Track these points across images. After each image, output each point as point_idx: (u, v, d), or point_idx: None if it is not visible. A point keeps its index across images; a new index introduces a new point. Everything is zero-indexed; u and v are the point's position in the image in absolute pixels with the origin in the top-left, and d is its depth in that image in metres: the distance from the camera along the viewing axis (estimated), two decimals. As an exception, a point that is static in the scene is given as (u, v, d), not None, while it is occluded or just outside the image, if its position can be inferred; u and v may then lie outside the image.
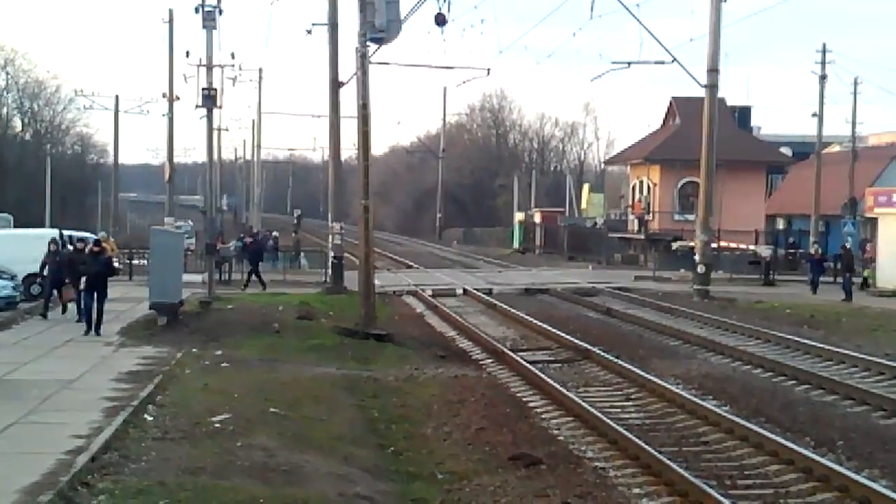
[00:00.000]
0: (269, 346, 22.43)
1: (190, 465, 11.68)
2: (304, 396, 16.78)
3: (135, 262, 41.14)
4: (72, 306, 25.44)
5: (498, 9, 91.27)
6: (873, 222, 45.31)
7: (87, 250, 24.46)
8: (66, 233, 32.67)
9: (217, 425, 13.84)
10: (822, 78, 49.33)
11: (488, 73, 43.26)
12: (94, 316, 23.08)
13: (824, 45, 49.45)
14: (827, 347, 23.31)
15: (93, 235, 32.70)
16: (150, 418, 14.24)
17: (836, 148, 68.43)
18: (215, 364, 19.51)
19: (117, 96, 66.01)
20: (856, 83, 52.91)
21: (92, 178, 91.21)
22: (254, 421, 14.29)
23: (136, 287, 32.66)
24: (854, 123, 54.80)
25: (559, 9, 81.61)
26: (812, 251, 42.07)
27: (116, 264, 35.44)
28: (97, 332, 22.89)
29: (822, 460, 12.90)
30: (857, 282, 38.59)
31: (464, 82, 48.55)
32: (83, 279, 23.32)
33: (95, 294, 23.16)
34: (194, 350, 21.14)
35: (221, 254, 38.15)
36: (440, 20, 24.87)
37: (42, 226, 53.28)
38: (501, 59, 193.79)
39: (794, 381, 19.47)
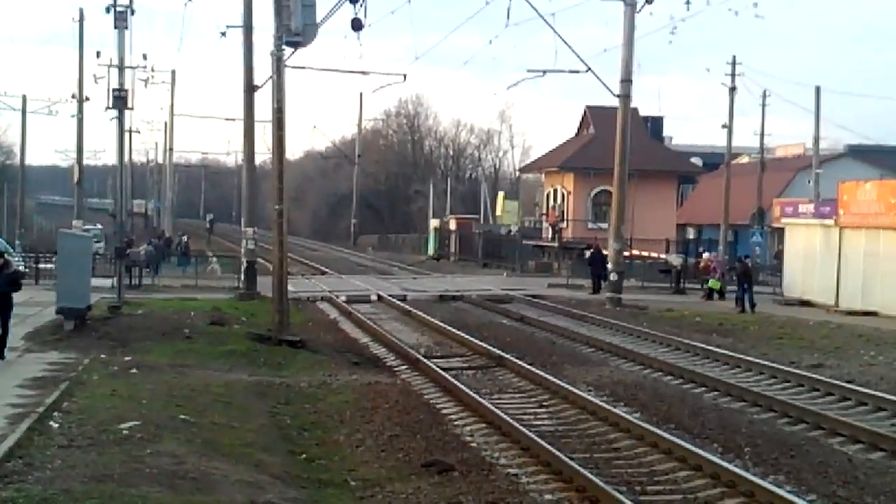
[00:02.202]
0: (179, 351, 22.12)
1: (96, 472, 11.45)
2: (215, 403, 16.58)
3: (41, 265, 40.25)
4: None
5: (415, 15, 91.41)
6: (780, 232, 46.30)
7: None
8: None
9: (125, 432, 13.60)
10: (732, 90, 50.26)
11: (405, 79, 43.43)
12: None
13: (734, 58, 50.44)
14: (735, 355, 23.74)
15: None
16: (56, 425, 13.93)
17: (745, 159, 69.87)
18: (124, 370, 19.18)
19: (24, 96, 64.65)
20: (764, 96, 54.06)
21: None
22: (163, 427, 14.06)
23: (43, 291, 31.96)
24: (762, 135, 55.98)
25: (476, 16, 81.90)
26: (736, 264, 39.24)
27: (22, 267, 34.59)
28: (1, 356, 19.73)
29: (729, 466, 13.12)
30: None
31: (380, 88, 48.89)
32: None
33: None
34: (102, 356, 20.76)
35: (131, 258, 37.57)
36: (356, 25, 24.79)
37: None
38: (418, 65, 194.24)
39: (703, 388, 19.79)
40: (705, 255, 43.90)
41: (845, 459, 14.22)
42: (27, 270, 34.21)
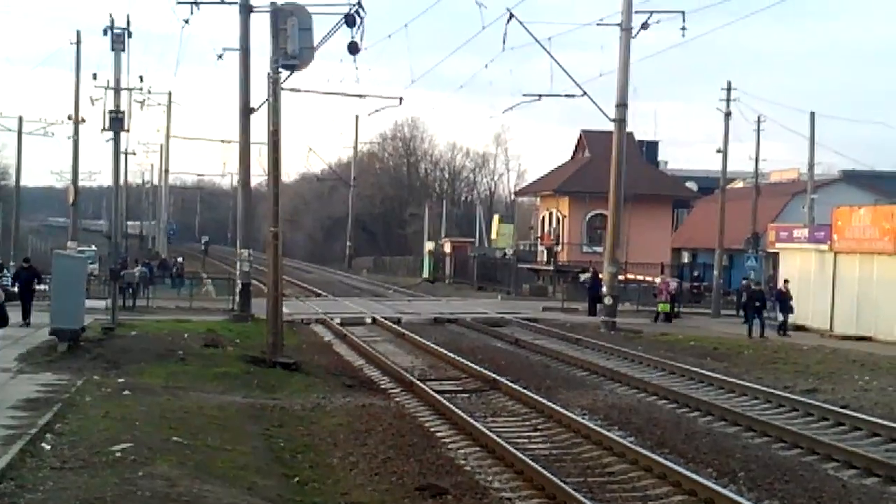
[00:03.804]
0: (173, 373, 22.04)
1: (88, 495, 11.38)
2: (209, 425, 16.51)
3: (35, 287, 40.07)
4: None
5: (411, 39, 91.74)
6: (775, 257, 46.38)
7: None
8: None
9: (118, 454, 13.53)
10: (727, 115, 50.33)
11: (400, 103, 43.37)
12: None
13: (729, 84, 50.49)
14: (729, 379, 23.72)
15: None
16: (48, 447, 13.86)
17: (739, 184, 69.96)
18: (117, 392, 19.09)
19: (21, 117, 64.57)
20: (759, 121, 54.11)
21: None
22: (156, 450, 13.99)
23: (37, 312, 31.84)
24: (757, 160, 55.97)
25: (472, 40, 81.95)
26: (784, 288, 37.69)
27: (15, 288, 34.40)
28: None
29: (724, 491, 13.08)
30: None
31: (376, 111, 48.67)
32: None
33: None
34: (96, 377, 20.66)
35: (125, 279, 37.51)
36: (353, 48, 24.88)
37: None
38: (414, 88, 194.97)
39: (697, 413, 19.76)
40: (658, 279, 44.61)
41: (839, 485, 14.18)
42: (14, 290, 34.05)
